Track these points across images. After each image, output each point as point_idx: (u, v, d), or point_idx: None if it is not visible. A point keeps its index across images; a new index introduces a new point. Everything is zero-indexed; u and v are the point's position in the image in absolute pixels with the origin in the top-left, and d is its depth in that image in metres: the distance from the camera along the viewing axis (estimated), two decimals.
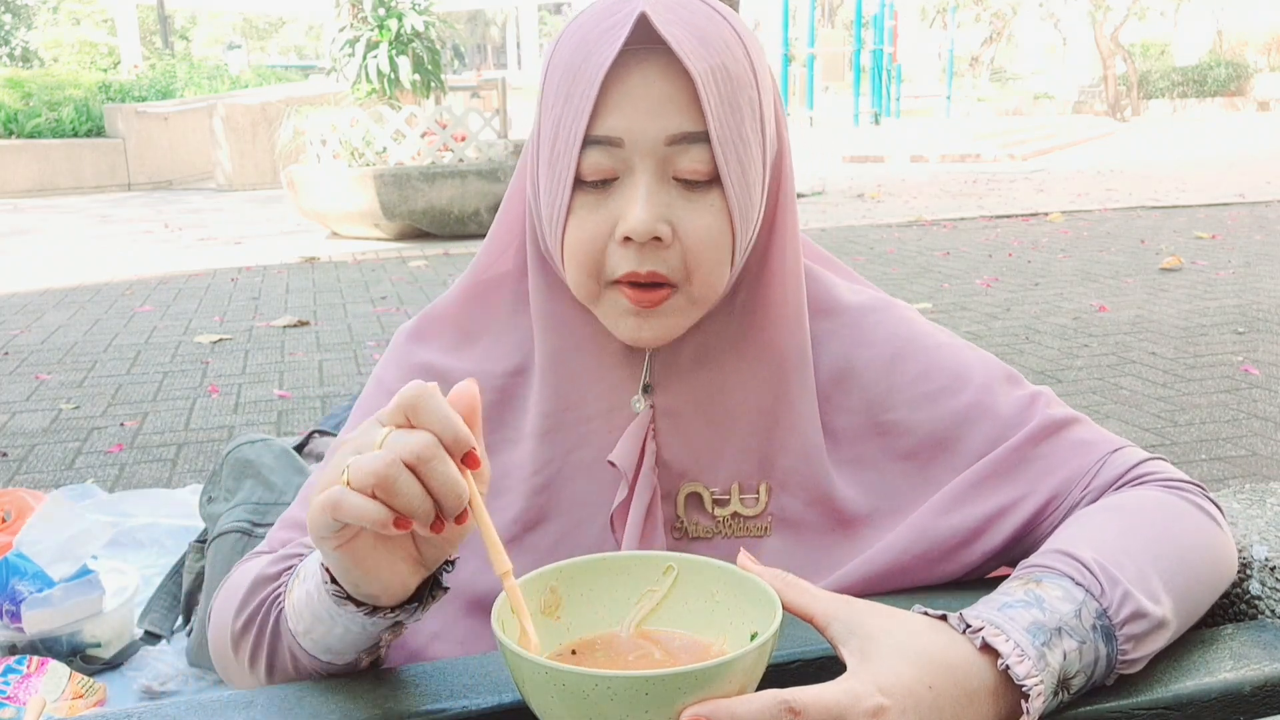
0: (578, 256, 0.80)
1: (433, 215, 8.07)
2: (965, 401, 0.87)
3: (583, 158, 0.78)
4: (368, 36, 8.18)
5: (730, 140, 0.78)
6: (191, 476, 3.22)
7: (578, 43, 0.79)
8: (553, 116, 0.80)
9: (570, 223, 0.80)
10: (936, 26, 31.55)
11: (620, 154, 0.78)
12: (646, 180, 0.78)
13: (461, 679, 0.73)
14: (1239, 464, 3.13)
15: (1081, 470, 0.83)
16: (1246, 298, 5.38)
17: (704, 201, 0.79)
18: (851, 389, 0.89)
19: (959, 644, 0.65)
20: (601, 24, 0.78)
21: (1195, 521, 0.79)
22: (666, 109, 0.77)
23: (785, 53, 19.18)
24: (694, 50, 0.76)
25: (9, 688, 1.64)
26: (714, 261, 0.80)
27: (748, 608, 0.68)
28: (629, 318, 0.81)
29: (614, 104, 0.77)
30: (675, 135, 0.77)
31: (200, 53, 31.29)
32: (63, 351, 4.95)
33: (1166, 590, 0.73)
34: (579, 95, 0.77)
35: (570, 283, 0.83)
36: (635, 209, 0.77)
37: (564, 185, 0.79)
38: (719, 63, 0.77)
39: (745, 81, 0.79)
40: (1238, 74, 28.56)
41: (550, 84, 0.81)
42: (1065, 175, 12.60)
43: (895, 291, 5.69)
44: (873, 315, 0.91)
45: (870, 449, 0.88)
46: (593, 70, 0.77)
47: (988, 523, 0.83)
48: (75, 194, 13.10)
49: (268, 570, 0.80)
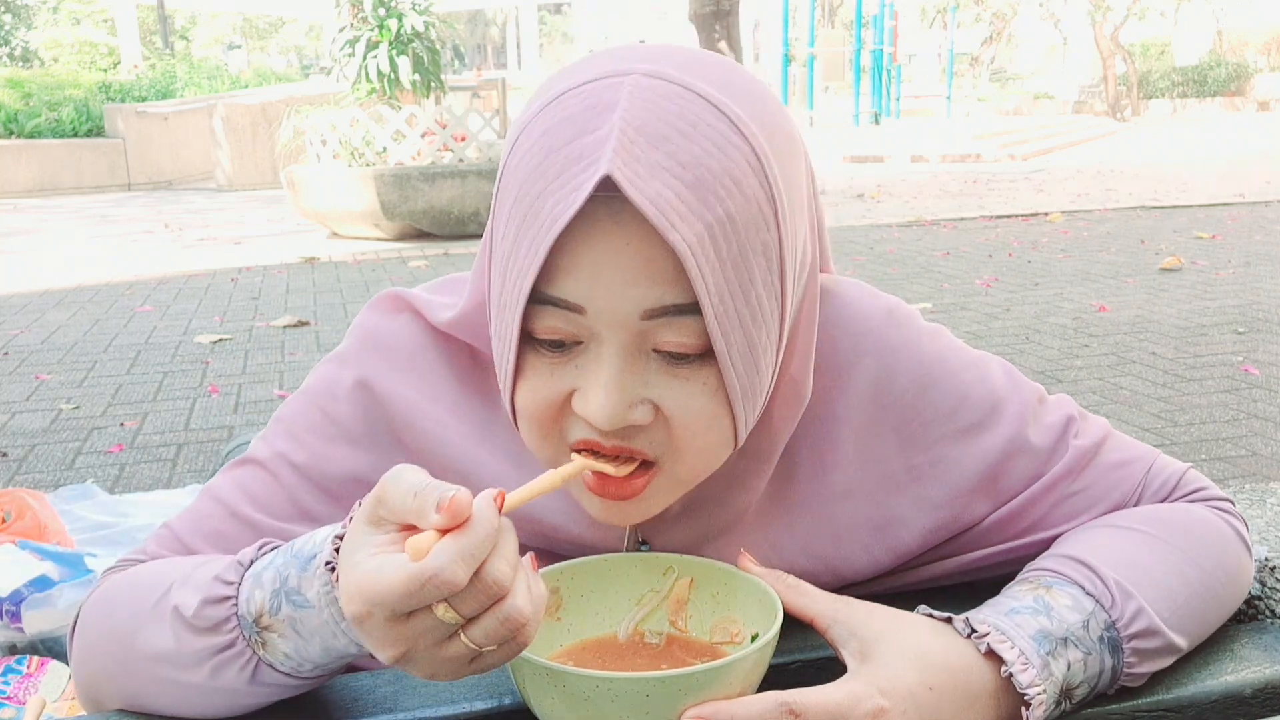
0: (530, 422, 0.66)
1: (433, 215, 8.07)
2: (1004, 435, 0.79)
3: (535, 314, 0.62)
4: (368, 36, 8.18)
5: (733, 314, 0.61)
6: (191, 476, 3.22)
7: (536, 162, 0.60)
8: (502, 246, 0.63)
9: (520, 384, 0.65)
10: (936, 26, 31.54)
11: (581, 321, 0.61)
12: (616, 357, 0.62)
13: (462, 680, 0.72)
14: (1239, 464, 3.13)
15: (1125, 498, 0.80)
16: (1246, 298, 5.38)
17: (695, 379, 0.63)
18: (883, 432, 0.79)
19: (962, 647, 0.65)
20: (568, 143, 0.59)
21: (1228, 546, 0.78)
22: (643, 279, 0.59)
23: (785, 53, 19.19)
24: (685, 209, 0.58)
25: (9, 688, 1.64)
26: (708, 445, 0.65)
27: (748, 609, 0.68)
28: (595, 499, 0.67)
29: (575, 265, 0.60)
30: (654, 309, 0.60)
31: (200, 53, 31.30)
32: (63, 351, 4.95)
33: (1184, 613, 0.71)
34: (528, 246, 0.60)
35: (526, 442, 0.69)
36: (598, 395, 0.61)
37: (510, 344, 0.64)
38: (720, 214, 0.59)
39: (758, 222, 0.61)
40: (1238, 74, 28.58)
41: (506, 190, 0.63)
42: (1065, 175, 12.60)
43: (895, 291, 5.67)
44: (895, 334, 0.80)
45: (902, 503, 0.79)
46: (545, 221, 0.59)
47: (1028, 557, 0.79)
48: (75, 194, 13.10)
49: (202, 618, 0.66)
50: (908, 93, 24.91)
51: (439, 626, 0.54)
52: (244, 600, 0.65)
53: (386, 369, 0.79)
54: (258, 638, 0.64)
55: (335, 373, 0.81)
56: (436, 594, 0.52)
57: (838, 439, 0.78)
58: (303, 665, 0.65)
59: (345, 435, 0.79)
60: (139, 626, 0.70)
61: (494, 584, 0.53)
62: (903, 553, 0.80)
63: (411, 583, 0.52)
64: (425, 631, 0.54)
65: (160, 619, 0.68)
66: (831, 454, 0.78)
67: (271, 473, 0.79)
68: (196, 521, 0.79)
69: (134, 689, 0.72)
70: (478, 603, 0.53)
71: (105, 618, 0.74)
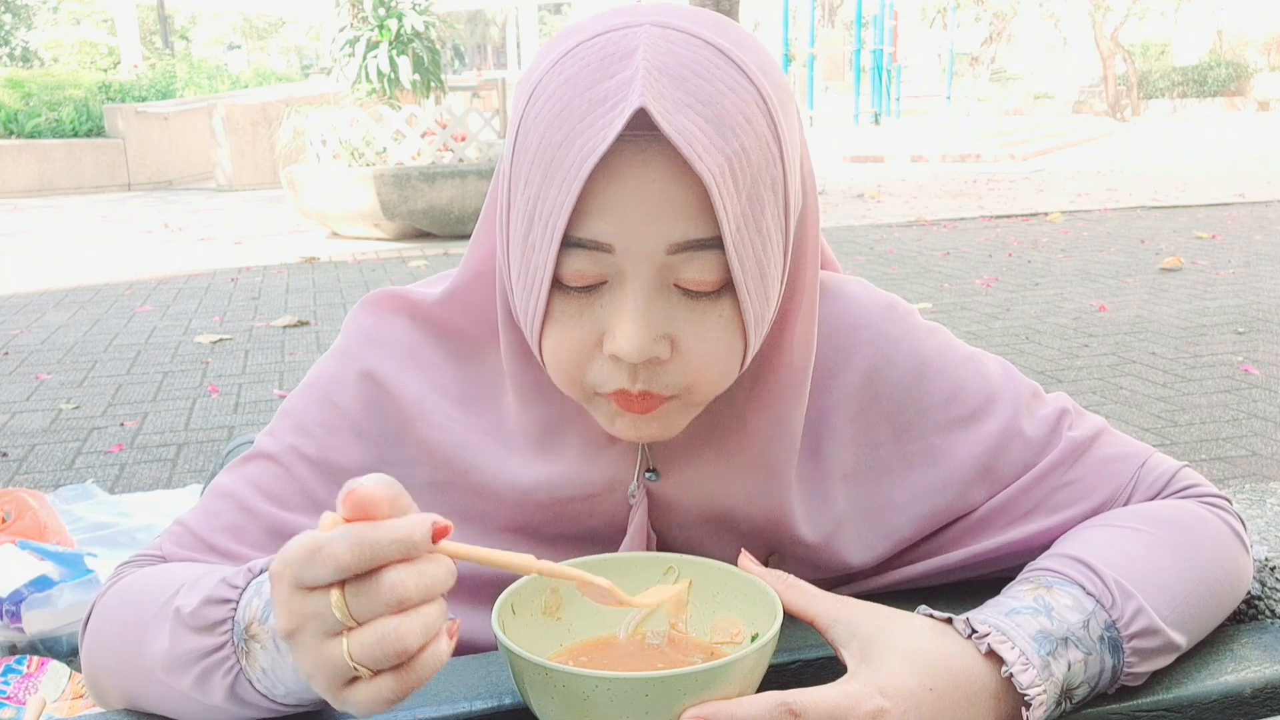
0: (558, 364, 0.69)
1: (433, 215, 8.07)
2: (998, 425, 0.81)
3: (563, 260, 0.65)
4: (368, 36, 8.18)
5: (748, 244, 0.65)
6: (191, 476, 3.22)
7: (559, 107, 0.63)
8: (527, 192, 0.65)
9: (549, 328, 0.68)
10: (936, 26, 31.54)
11: (609, 260, 0.64)
12: (641, 291, 0.65)
13: (461, 679, 0.72)
14: (1239, 464, 3.13)
15: (1117, 490, 0.81)
16: (1246, 298, 5.38)
17: (711, 312, 0.66)
18: (877, 419, 0.81)
19: (962, 647, 0.65)
20: (591, 87, 0.62)
21: (1224, 542, 0.78)
22: (669, 214, 0.63)
23: (785, 53, 19.18)
24: (707, 143, 0.61)
25: (9, 688, 1.64)
26: (720, 373, 0.69)
27: (748, 609, 0.68)
28: (622, 418, 0.70)
29: (603, 205, 0.63)
30: (679, 244, 0.64)
31: (200, 53, 31.31)
32: (63, 351, 4.95)
33: (1183, 611, 0.71)
34: (558, 186, 0.63)
35: (554, 381, 0.72)
36: (626, 326, 0.65)
37: (540, 289, 0.66)
38: (738, 148, 0.62)
39: (768, 159, 0.65)
40: (1238, 74, 28.57)
41: (525, 143, 0.65)
42: (1065, 175, 12.60)
43: (895, 291, 5.63)
44: (894, 327, 0.83)
45: (895, 487, 0.81)
46: (574, 160, 0.61)
47: (1022, 550, 0.80)
48: (75, 194, 13.10)
49: (200, 618, 0.66)
50: (908, 93, 24.90)
51: (327, 614, 0.52)
52: (243, 606, 0.64)
53: (391, 363, 0.80)
54: (244, 646, 0.63)
55: (340, 366, 0.81)
56: (325, 567, 0.51)
57: (833, 426, 0.81)
58: (275, 687, 0.63)
59: (354, 427, 0.79)
60: (143, 628, 0.70)
61: (388, 590, 0.51)
62: (898, 539, 0.81)
63: (306, 549, 0.52)
64: (315, 615, 0.53)
65: (162, 621, 0.68)
66: (828, 441, 0.81)
67: (284, 465, 0.79)
68: (209, 518, 0.79)
69: (134, 689, 0.72)
70: (368, 606, 0.52)
71: (113, 615, 0.74)
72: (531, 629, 0.68)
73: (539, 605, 0.69)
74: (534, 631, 0.68)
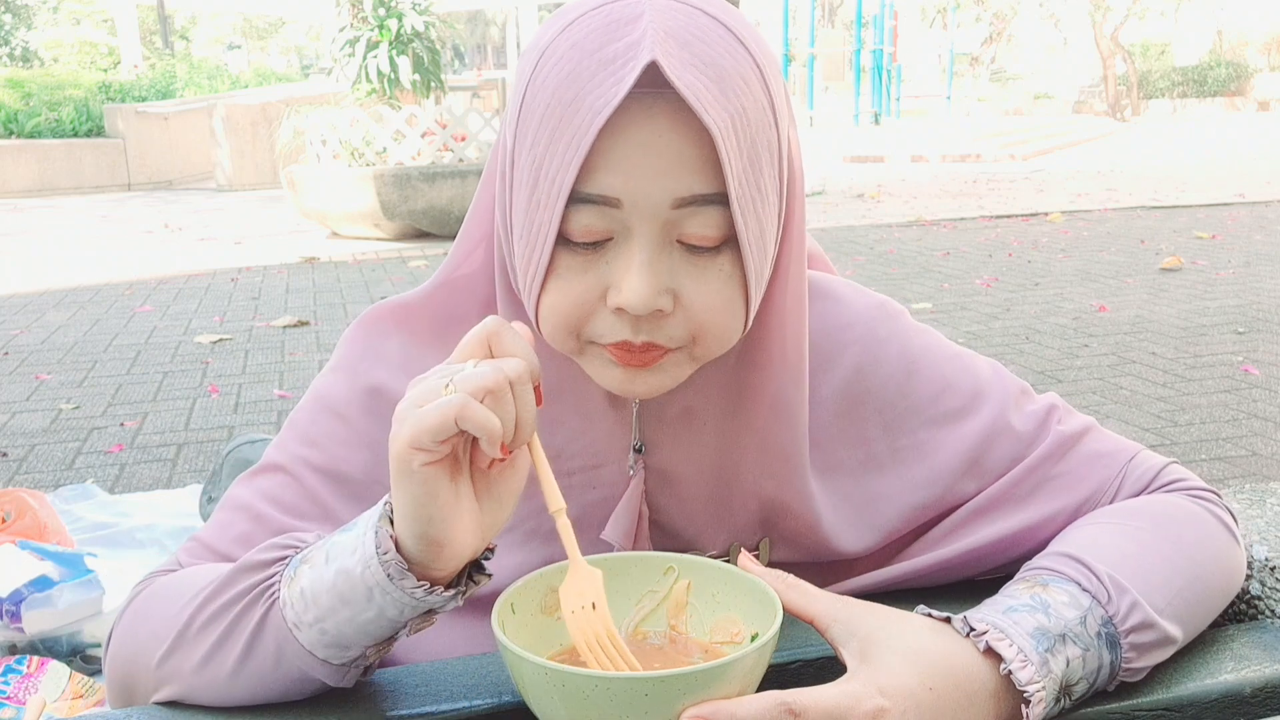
0: (556, 319, 0.70)
1: (433, 215, 8.06)
2: (986, 420, 0.82)
3: (570, 215, 0.66)
4: (368, 36, 8.18)
5: (749, 199, 0.67)
6: (191, 476, 3.22)
7: (569, 69, 0.65)
8: (533, 152, 0.67)
9: (550, 283, 0.69)
10: (936, 26, 31.54)
11: (616, 215, 0.66)
12: (647, 246, 0.66)
13: (461, 679, 0.73)
14: (1239, 464, 3.13)
15: (1104, 483, 0.82)
16: (1246, 298, 5.38)
17: (713, 266, 0.68)
18: (867, 414, 0.83)
19: (961, 646, 0.65)
20: (599, 49, 0.64)
21: (1214, 534, 0.78)
22: (676, 168, 0.65)
23: (785, 53, 19.18)
24: (713, 99, 0.64)
25: (9, 688, 1.64)
26: (724, 328, 0.70)
27: (748, 609, 0.68)
28: (615, 370, 0.71)
29: (612, 160, 0.65)
30: (685, 198, 0.66)
31: (200, 53, 31.30)
32: (63, 351, 4.95)
33: (1178, 603, 0.72)
34: (567, 143, 0.64)
35: (546, 338, 0.73)
36: (633, 279, 0.66)
37: (544, 243, 0.68)
38: (738, 107, 0.65)
39: (765, 121, 0.67)
40: (1238, 74, 28.57)
41: (531, 106, 0.67)
42: (1065, 175, 12.59)
43: (895, 291, 5.69)
44: (883, 326, 0.84)
45: (885, 481, 0.83)
46: (585, 116, 0.63)
47: (1012, 544, 0.81)
48: (75, 194, 13.10)
49: (256, 558, 0.69)
50: (908, 93, 24.89)
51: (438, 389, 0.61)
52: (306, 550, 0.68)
53: (392, 375, 0.81)
54: (293, 573, 0.67)
55: (345, 381, 0.83)
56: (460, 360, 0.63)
57: (823, 422, 0.82)
58: (305, 612, 0.66)
59: (362, 440, 0.80)
60: (186, 602, 0.71)
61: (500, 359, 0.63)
62: (889, 530, 0.83)
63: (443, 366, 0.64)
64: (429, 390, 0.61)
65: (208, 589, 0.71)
66: (819, 436, 0.82)
67: (292, 475, 0.80)
68: (222, 530, 0.80)
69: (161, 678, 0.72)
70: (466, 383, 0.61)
71: (149, 608, 0.75)
72: (531, 628, 0.68)
73: (539, 605, 0.69)
74: (534, 631, 0.68)
